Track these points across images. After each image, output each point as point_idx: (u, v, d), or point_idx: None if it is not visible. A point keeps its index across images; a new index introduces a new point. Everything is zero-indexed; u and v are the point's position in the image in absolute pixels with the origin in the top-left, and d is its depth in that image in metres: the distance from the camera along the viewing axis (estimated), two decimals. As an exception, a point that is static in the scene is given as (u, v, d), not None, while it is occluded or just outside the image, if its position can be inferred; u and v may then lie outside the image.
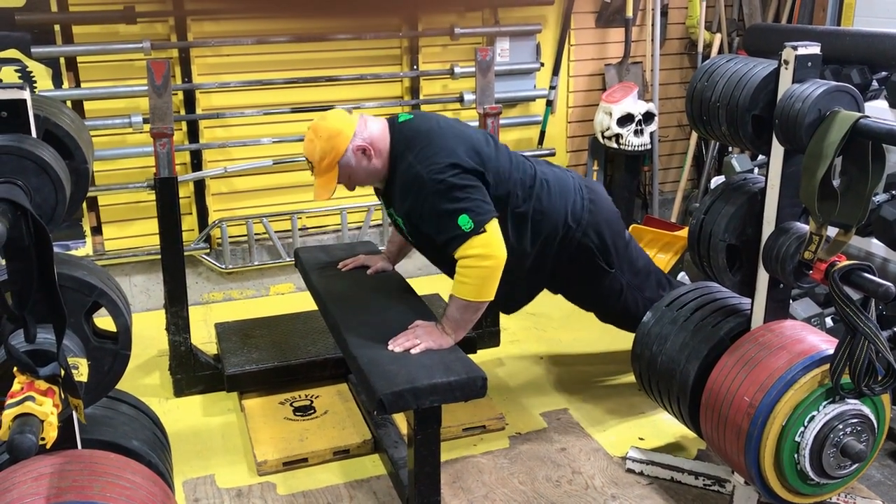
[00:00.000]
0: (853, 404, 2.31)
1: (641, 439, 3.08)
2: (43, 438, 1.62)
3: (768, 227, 2.42)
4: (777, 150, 2.35)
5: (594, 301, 3.20)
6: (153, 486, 1.94)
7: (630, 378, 3.39)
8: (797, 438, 2.30)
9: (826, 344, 2.36)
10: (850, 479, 2.42)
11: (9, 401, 1.64)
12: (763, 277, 2.49)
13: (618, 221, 3.08)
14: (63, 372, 1.72)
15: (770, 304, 2.50)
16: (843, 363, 2.22)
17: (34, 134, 1.84)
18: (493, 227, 2.53)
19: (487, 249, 2.49)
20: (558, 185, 2.91)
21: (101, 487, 1.80)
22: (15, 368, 1.69)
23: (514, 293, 3.00)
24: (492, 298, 2.57)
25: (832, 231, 2.23)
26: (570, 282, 3.11)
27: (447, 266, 2.82)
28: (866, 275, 2.17)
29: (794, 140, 2.23)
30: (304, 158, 2.76)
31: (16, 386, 1.68)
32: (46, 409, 1.64)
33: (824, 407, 2.29)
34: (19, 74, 3.72)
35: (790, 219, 2.40)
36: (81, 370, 1.81)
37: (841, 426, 2.28)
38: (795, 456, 2.32)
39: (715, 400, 2.47)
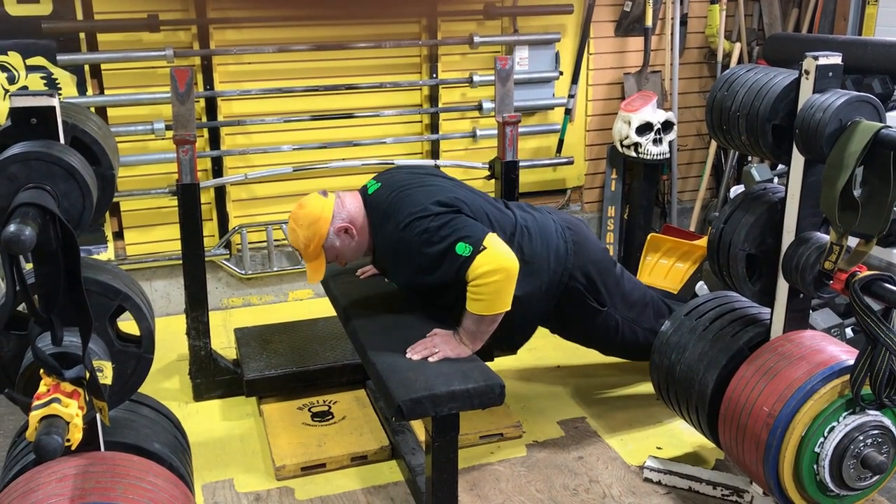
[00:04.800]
0: (874, 415, 2.29)
1: (659, 448, 3.07)
2: (68, 440, 1.65)
3: (788, 236, 2.42)
4: (797, 160, 2.35)
5: (592, 339, 3.20)
6: (174, 489, 1.96)
7: (648, 387, 3.38)
8: (817, 449, 2.29)
9: (846, 354, 2.35)
10: (871, 490, 2.40)
11: (35, 402, 1.67)
12: (783, 287, 2.48)
13: (605, 259, 3.06)
14: (88, 374, 1.74)
15: (789, 314, 2.49)
16: (863, 374, 2.22)
17: (62, 140, 1.88)
18: (492, 240, 2.50)
19: (493, 264, 2.46)
20: (539, 231, 2.88)
21: (124, 489, 1.83)
22: (41, 370, 1.72)
23: (508, 336, 2.96)
24: (508, 308, 2.55)
25: (853, 241, 2.22)
26: (565, 324, 3.10)
27: (452, 312, 2.80)
28: (887, 285, 2.17)
29: (814, 150, 2.23)
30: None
31: (42, 388, 1.70)
32: (72, 410, 1.67)
33: (844, 418, 2.28)
34: (45, 81, 3.79)
35: (810, 229, 2.40)
36: (106, 373, 1.84)
37: (861, 437, 2.27)
38: (815, 467, 2.31)
39: (734, 410, 2.46)
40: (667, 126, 4.53)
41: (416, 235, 2.57)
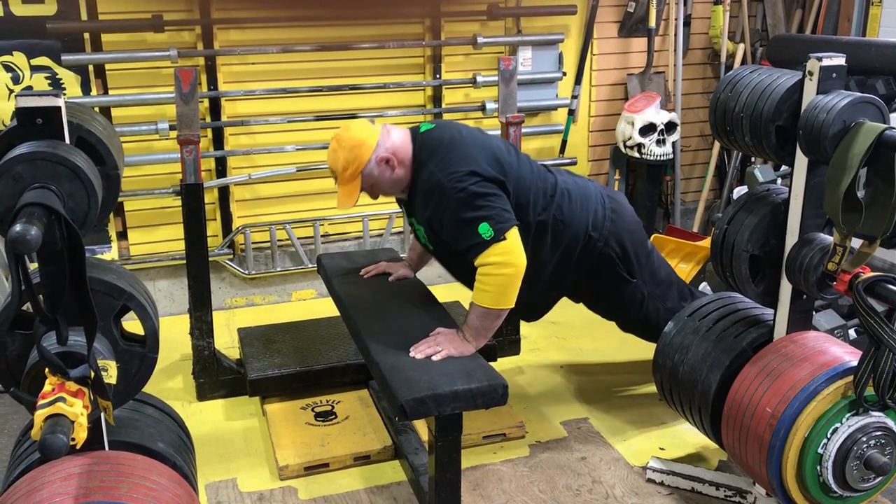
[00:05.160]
0: (877, 417, 2.29)
1: (662, 449, 3.07)
2: (73, 439, 1.65)
3: (792, 237, 2.42)
4: (801, 161, 2.35)
5: (615, 310, 3.20)
6: (178, 488, 1.97)
7: (651, 388, 3.38)
8: (820, 450, 2.29)
9: (849, 356, 2.35)
10: (874, 492, 2.40)
11: (40, 401, 1.67)
12: (786, 288, 2.48)
13: (640, 231, 3.08)
14: (93, 374, 1.75)
15: (793, 315, 2.49)
16: (866, 375, 2.21)
17: (67, 140, 1.88)
18: (513, 235, 2.54)
19: (507, 257, 2.50)
20: (579, 195, 2.92)
21: (128, 488, 1.84)
22: (46, 369, 1.73)
23: (533, 301, 3.01)
24: (512, 306, 2.58)
25: (856, 243, 2.22)
26: (592, 291, 3.11)
27: (465, 276, 2.82)
28: (891, 286, 2.17)
29: (818, 151, 2.23)
30: (327, 166, 2.79)
31: (47, 387, 1.71)
32: (77, 409, 1.67)
33: (848, 419, 2.28)
34: (49, 81, 3.80)
35: (814, 230, 2.40)
36: (110, 372, 1.84)
37: (864, 439, 2.27)
38: (818, 468, 2.31)
39: (737, 411, 2.46)
40: (670, 127, 4.53)
41: (453, 189, 2.56)
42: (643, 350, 3.36)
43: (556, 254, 2.87)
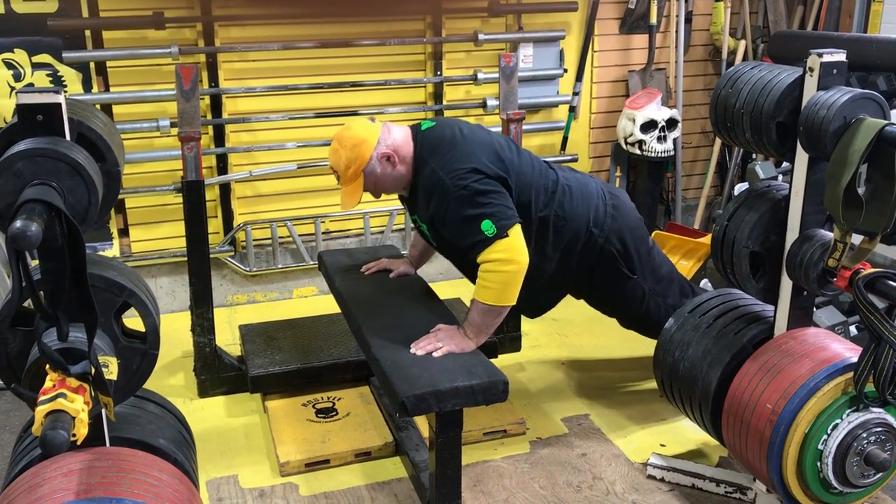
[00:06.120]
0: (877, 413, 2.29)
1: (663, 445, 3.07)
2: (74, 435, 1.65)
3: (792, 234, 2.42)
4: (801, 158, 2.35)
5: (616, 307, 3.21)
6: (179, 484, 1.97)
7: (652, 384, 3.39)
8: (820, 446, 2.29)
9: (850, 352, 2.35)
10: (874, 488, 2.40)
11: (41, 398, 1.67)
12: (786, 285, 2.48)
13: (641, 227, 3.08)
14: (94, 370, 1.75)
15: (793, 312, 2.49)
16: (867, 371, 2.21)
17: (68, 137, 1.88)
18: (516, 232, 2.54)
19: (509, 254, 2.50)
20: (581, 191, 2.92)
21: (129, 484, 1.84)
22: (47, 366, 1.73)
23: (537, 298, 3.01)
24: (514, 303, 2.58)
25: (857, 239, 2.22)
26: (593, 287, 3.12)
27: (470, 270, 2.83)
28: (891, 282, 2.16)
29: (818, 147, 2.23)
30: (328, 164, 2.79)
31: (48, 383, 1.71)
32: (77, 406, 1.67)
33: (848, 415, 2.28)
34: (51, 78, 3.80)
35: (814, 226, 2.40)
36: (111, 368, 1.84)
37: (865, 435, 2.27)
38: (818, 464, 2.31)
39: (737, 407, 2.47)
40: (671, 123, 4.53)
41: (455, 187, 2.57)
42: (644, 346, 3.37)
43: (558, 251, 2.87)
